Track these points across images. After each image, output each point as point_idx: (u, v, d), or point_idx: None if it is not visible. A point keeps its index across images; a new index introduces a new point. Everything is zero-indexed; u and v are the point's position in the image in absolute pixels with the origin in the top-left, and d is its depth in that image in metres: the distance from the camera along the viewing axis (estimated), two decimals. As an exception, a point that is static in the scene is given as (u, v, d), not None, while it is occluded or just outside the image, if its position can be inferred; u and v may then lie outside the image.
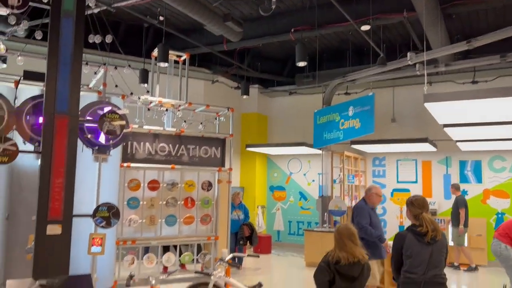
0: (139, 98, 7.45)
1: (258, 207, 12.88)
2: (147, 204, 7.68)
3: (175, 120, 8.46)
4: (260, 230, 12.08)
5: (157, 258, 7.64)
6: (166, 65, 7.74)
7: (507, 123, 7.21)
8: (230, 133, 8.78)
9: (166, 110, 8.22)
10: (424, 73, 7.86)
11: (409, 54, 8.45)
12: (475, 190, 10.86)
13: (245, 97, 10.24)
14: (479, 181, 10.85)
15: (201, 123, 8.64)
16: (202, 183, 8.34)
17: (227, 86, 12.55)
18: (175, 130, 8.13)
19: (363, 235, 5.32)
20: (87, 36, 5.74)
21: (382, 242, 5.76)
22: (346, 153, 10.87)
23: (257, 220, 12.41)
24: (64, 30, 4.82)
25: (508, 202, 10.48)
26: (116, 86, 6.87)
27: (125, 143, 7.39)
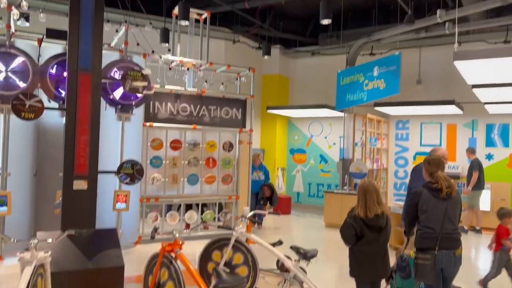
0: (161, 57, 7.40)
1: (278, 169, 12.94)
2: (170, 163, 7.79)
3: (196, 80, 8.41)
4: (280, 192, 12.19)
5: (179, 215, 7.84)
6: (187, 23, 7.61)
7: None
8: (251, 94, 8.70)
9: (188, 70, 8.16)
10: (453, 31, 7.52)
11: (438, 11, 8.07)
12: (501, 154, 10.60)
13: (266, 57, 10.06)
14: (506, 145, 10.57)
15: (222, 84, 8.58)
16: (223, 144, 8.38)
17: (248, 46, 12.33)
18: (196, 90, 8.11)
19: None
20: (108, -8, 5.67)
21: None
22: (369, 115, 10.69)
23: (277, 181, 12.50)
24: (84, -15, 4.77)
25: (535, 167, 10.23)
26: (137, 44, 6.84)
27: (147, 103, 7.42)
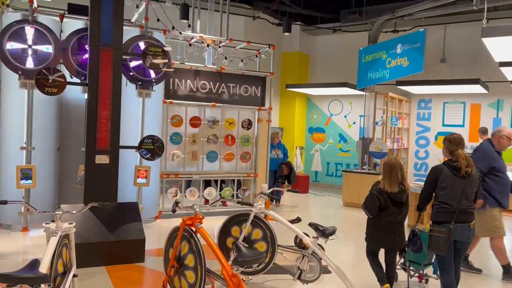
0: (181, 33, 7.36)
1: (296, 148, 12.91)
2: (189, 140, 7.85)
3: (216, 57, 8.37)
4: (298, 171, 12.19)
5: (199, 192, 7.94)
6: (207, -1, 7.53)
7: None
8: (271, 71, 8.62)
9: (207, 46, 8.12)
10: (481, 7, 7.23)
11: (467, -14, 7.76)
12: (527, 136, 10.30)
13: (286, 34, 9.90)
14: (532, 126, 10.28)
15: (241, 60, 8.51)
16: (242, 122, 8.38)
17: (268, 23, 12.15)
18: (216, 67, 8.07)
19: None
20: (128, -33, 5.63)
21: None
22: (390, 94, 10.49)
23: (295, 160, 12.50)
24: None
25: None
26: (158, 20, 6.80)
27: (167, 80, 7.43)
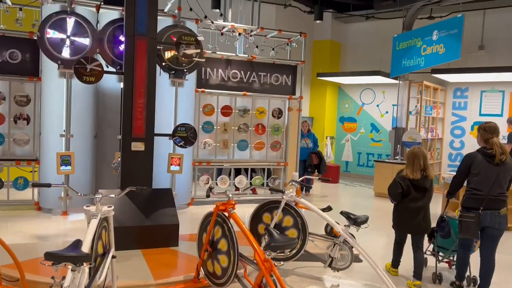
0: (213, 22, 7.42)
1: (327, 138, 12.82)
2: (221, 128, 7.94)
3: (247, 46, 8.39)
4: (328, 160, 12.11)
5: (229, 180, 8.05)
6: (239, -13, 7.54)
7: None
8: (302, 59, 8.57)
9: (239, 35, 8.14)
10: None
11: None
12: None
13: (318, 22, 9.80)
14: None
15: (272, 49, 8.49)
16: (273, 111, 8.39)
17: (300, 11, 12.02)
18: (247, 56, 8.09)
19: None
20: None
21: None
22: (425, 82, 10.22)
23: (325, 150, 12.42)
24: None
25: None
26: (190, 9, 6.88)
27: (199, 69, 7.52)
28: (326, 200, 9.17)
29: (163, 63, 6.02)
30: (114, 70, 5.91)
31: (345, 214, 4.40)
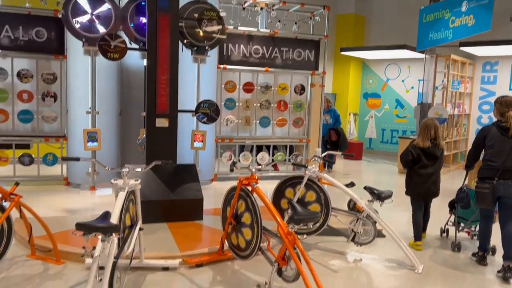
0: (233, -4, 7.32)
1: (350, 114, 12.66)
2: (243, 105, 7.94)
3: (269, 20, 8.26)
4: (351, 137, 12.00)
5: (252, 156, 8.09)
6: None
7: None
8: (325, 34, 8.41)
9: (261, 10, 8.02)
10: None
11: None
12: None
13: (342, -5, 9.55)
14: None
15: (295, 23, 8.35)
16: (295, 87, 8.32)
17: (323, -16, 11.74)
18: (269, 31, 7.99)
19: None
20: None
21: None
22: (452, 56, 9.90)
23: (348, 127, 12.29)
24: None
25: None
26: (211, -16, 6.79)
27: (221, 45, 7.48)
28: (348, 177, 9.13)
29: (185, 40, 6.01)
30: (137, 46, 5.94)
31: (368, 189, 4.38)
